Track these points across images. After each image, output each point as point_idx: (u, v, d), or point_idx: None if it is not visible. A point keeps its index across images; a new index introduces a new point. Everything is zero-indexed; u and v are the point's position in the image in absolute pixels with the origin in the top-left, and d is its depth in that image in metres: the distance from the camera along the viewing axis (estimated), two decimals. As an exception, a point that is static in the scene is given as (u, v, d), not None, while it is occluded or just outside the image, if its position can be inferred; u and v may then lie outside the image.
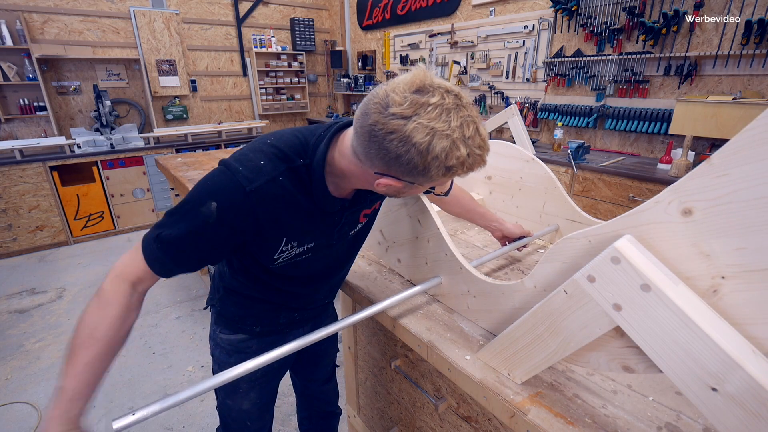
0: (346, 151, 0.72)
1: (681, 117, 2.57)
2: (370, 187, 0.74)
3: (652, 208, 0.54)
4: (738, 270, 0.49)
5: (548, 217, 1.39)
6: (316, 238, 0.85)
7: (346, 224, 0.89)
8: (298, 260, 0.86)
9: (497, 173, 1.52)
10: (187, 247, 0.72)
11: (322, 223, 0.83)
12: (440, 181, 0.69)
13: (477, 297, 0.97)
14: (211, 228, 0.69)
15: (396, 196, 0.77)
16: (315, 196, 0.77)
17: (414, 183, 0.67)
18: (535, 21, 3.52)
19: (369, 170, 0.68)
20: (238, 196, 0.69)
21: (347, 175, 0.74)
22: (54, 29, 4.00)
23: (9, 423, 1.93)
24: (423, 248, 1.10)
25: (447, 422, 1.07)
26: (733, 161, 0.45)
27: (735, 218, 0.47)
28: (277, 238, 0.78)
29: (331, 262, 0.99)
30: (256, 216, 0.71)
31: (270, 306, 1.00)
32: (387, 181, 0.67)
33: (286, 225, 0.77)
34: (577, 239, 0.65)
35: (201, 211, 0.68)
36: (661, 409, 0.73)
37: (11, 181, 3.56)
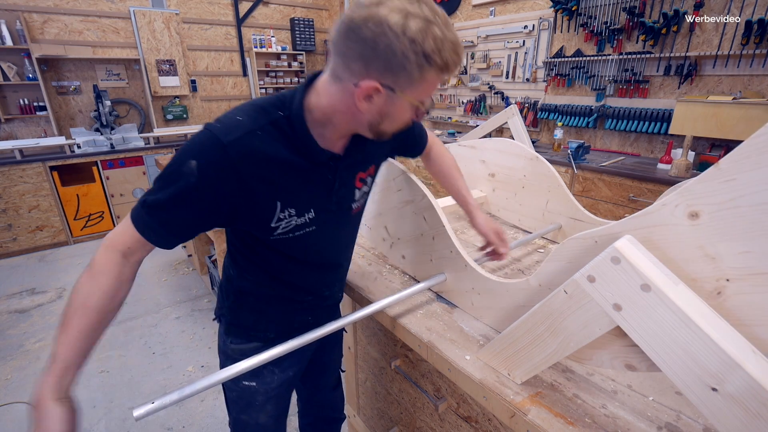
0: (322, 88, 0.72)
1: (681, 117, 2.57)
2: (355, 124, 0.73)
3: (659, 210, 0.55)
4: (743, 273, 0.50)
5: (551, 215, 1.39)
6: (314, 204, 0.81)
7: (343, 186, 0.85)
8: (301, 234, 0.83)
9: (501, 171, 1.52)
10: (175, 210, 0.70)
11: (316, 183, 0.80)
12: (420, 85, 0.66)
13: (481, 294, 0.97)
14: (195, 188, 0.68)
15: (379, 126, 0.72)
16: (300, 147, 0.74)
17: (395, 89, 0.66)
18: (535, 21, 3.52)
19: (348, 87, 0.67)
20: (217, 151, 0.67)
21: (329, 115, 0.73)
22: (54, 29, 4.00)
23: (9, 423, 1.93)
24: (428, 245, 1.10)
25: (447, 422, 1.07)
26: (740, 166, 0.46)
27: (741, 222, 0.48)
28: (270, 202, 0.75)
29: (335, 242, 0.95)
30: (238, 172, 0.69)
31: (283, 305, 0.97)
32: (367, 88, 0.65)
33: (275, 185, 0.74)
34: (584, 239, 0.66)
35: (182, 171, 0.67)
36: (661, 409, 0.73)
37: (11, 181, 3.56)
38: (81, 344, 0.69)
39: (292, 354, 1.01)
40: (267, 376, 1.02)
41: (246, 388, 1.02)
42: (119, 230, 0.73)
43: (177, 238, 0.74)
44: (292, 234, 0.81)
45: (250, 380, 1.01)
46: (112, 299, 0.72)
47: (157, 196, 0.69)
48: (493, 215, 1.64)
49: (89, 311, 0.69)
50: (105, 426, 1.89)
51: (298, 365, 1.09)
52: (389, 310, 1.04)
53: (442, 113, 4.69)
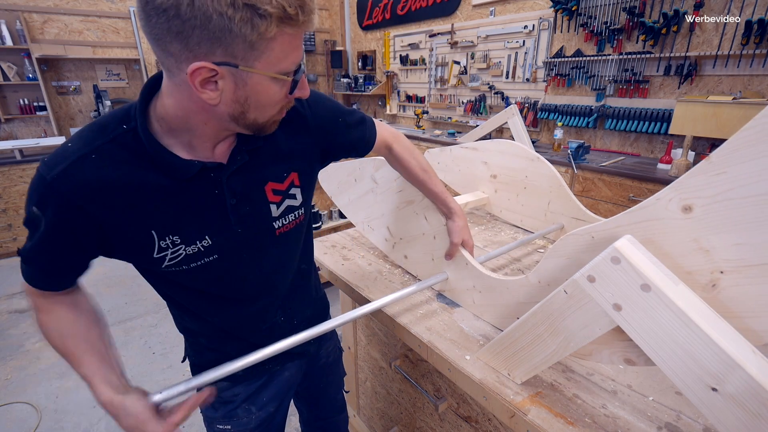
0: (165, 89, 0.59)
1: (681, 117, 2.57)
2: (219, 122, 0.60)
3: (653, 204, 0.55)
4: (736, 265, 0.50)
5: (553, 216, 1.40)
6: (207, 228, 0.68)
7: (243, 203, 0.70)
8: (199, 265, 0.70)
9: (502, 172, 1.52)
10: (43, 254, 0.65)
11: (199, 203, 0.66)
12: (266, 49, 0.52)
13: (482, 292, 0.97)
14: (47, 232, 0.61)
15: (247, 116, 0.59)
16: (157, 163, 0.61)
17: (236, 64, 0.52)
18: (535, 21, 3.52)
19: (183, 78, 0.53)
20: (44, 190, 0.59)
21: (184, 119, 0.60)
22: (54, 29, 4.00)
23: (9, 423, 1.93)
24: (429, 244, 1.11)
25: (447, 422, 1.07)
26: (731, 159, 0.47)
27: (733, 215, 0.48)
28: (141, 232, 0.64)
29: (258, 270, 0.79)
30: (78, 206, 0.59)
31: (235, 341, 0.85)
32: (198, 71, 0.51)
33: (138, 211, 0.62)
34: (581, 235, 0.66)
35: (31, 218, 0.61)
36: (661, 409, 0.73)
37: (11, 181, 3.56)
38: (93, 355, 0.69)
39: (271, 386, 0.94)
40: (243, 417, 0.92)
41: (220, 431, 0.93)
42: (25, 287, 0.70)
43: (62, 278, 0.69)
44: (186, 266, 0.69)
45: (224, 423, 0.92)
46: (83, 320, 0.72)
47: (26, 246, 0.65)
48: (495, 216, 1.64)
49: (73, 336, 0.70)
50: (105, 426, 1.89)
51: (281, 397, 0.98)
52: (389, 309, 1.05)
53: (442, 113, 4.69)
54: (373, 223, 1.33)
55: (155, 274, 0.73)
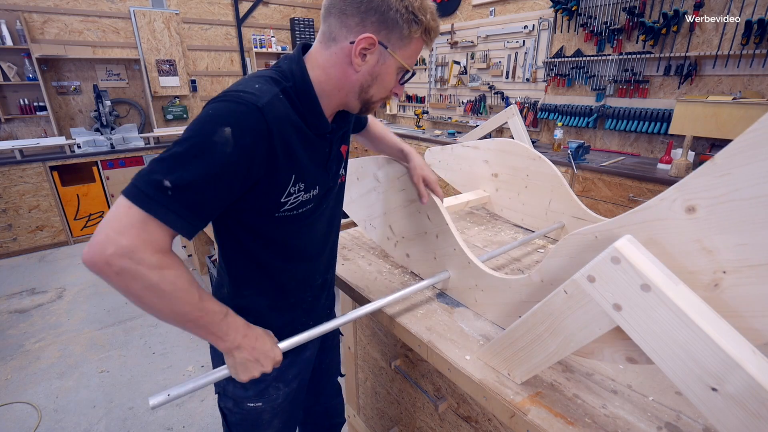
0: (315, 58, 0.75)
1: (681, 117, 2.57)
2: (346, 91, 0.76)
3: (657, 205, 0.55)
4: (739, 265, 0.50)
5: (554, 215, 1.40)
6: (318, 180, 0.82)
7: (333, 159, 0.87)
8: (303, 212, 0.81)
9: (504, 171, 1.52)
10: (207, 190, 0.61)
11: (318, 157, 0.81)
12: (407, 46, 0.73)
13: (485, 291, 0.98)
14: (231, 158, 0.61)
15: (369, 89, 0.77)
16: (307, 117, 0.75)
17: (387, 46, 0.72)
18: (535, 21, 3.52)
19: (344, 46, 0.71)
20: (253, 114, 0.64)
21: (324, 84, 0.75)
22: (54, 29, 4.00)
23: (9, 423, 1.93)
24: (431, 243, 1.11)
25: (447, 422, 1.07)
26: (735, 161, 0.47)
27: (737, 215, 0.48)
28: (286, 174, 0.74)
29: (328, 221, 0.94)
30: (271, 137, 0.67)
31: (283, 314, 0.93)
32: (364, 39, 0.69)
33: (293, 156, 0.73)
34: (584, 235, 0.66)
35: (215, 141, 0.60)
36: (661, 409, 0.73)
37: (11, 181, 3.56)
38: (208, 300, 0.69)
39: (296, 364, 1.00)
40: (272, 393, 0.98)
41: (252, 409, 0.97)
42: (137, 236, 0.58)
43: (204, 223, 0.65)
44: (295, 211, 0.80)
45: (255, 401, 0.97)
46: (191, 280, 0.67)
47: (182, 175, 0.59)
48: (496, 215, 1.64)
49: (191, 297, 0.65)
50: (105, 426, 1.89)
51: (302, 375, 1.05)
52: (389, 309, 1.05)
53: (442, 113, 4.69)
54: (374, 222, 1.33)
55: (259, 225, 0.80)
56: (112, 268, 0.57)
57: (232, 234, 0.82)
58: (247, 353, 0.74)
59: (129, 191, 0.59)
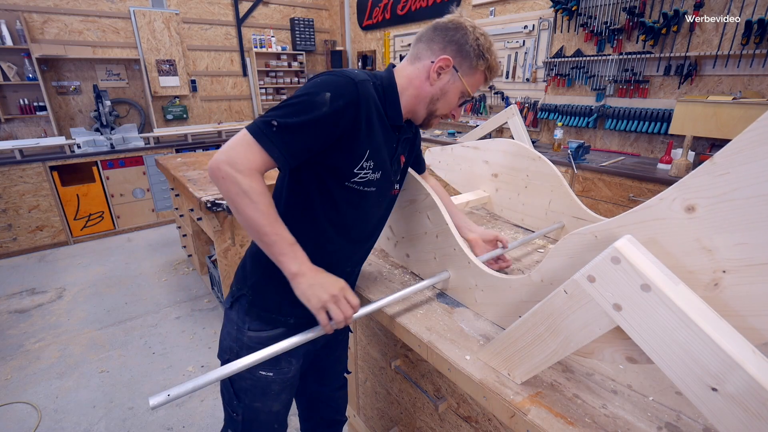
0: (400, 70, 0.94)
1: (681, 117, 2.57)
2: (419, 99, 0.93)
3: (657, 204, 0.55)
4: (739, 264, 0.50)
5: (554, 215, 1.40)
6: (383, 165, 0.92)
7: (396, 160, 0.98)
8: (368, 192, 0.93)
9: (504, 171, 1.52)
10: (302, 136, 0.79)
11: (387, 147, 0.92)
12: (473, 75, 0.91)
13: (485, 291, 0.98)
14: (324, 117, 0.78)
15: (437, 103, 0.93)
16: (387, 110, 0.90)
17: (458, 70, 0.89)
18: (535, 21, 3.52)
19: (426, 64, 0.90)
20: (350, 86, 0.81)
21: (404, 89, 0.92)
22: (54, 29, 4.00)
23: (9, 423, 1.93)
24: (432, 243, 1.11)
25: (447, 422, 1.07)
26: (734, 160, 0.47)
27: (736, 215, 0.49)
28: (363, 146, 0.86)
29: (377, 212, 1.02)
30: (358, 109, 0.82)
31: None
32: (442, 59, 0.87)
33: (371, 133, 0.87)
34: (584, 235, 0.66)
35: (316, 101, 0.78)
36: (661, 409, 0.73)
37: (11, 181, 3.56)
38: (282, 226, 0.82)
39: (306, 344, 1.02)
40: (284, 367, 1.03)
41: (262, 377, 1.01)
42: (243, 153, 0.77)
43: (294, 161, 0.82)
44: (362, 187, 0.91)
45: (267, 370, 1.01)
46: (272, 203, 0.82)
47: (287, 120, 0.77)
48: (496, 215, 1.64)
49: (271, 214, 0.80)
50: (105, 426, 1.89)
51: (306, 357, 1.10)
52: (389, 310, 1.05)
53: (442, 113, 4.69)
54: None
55: (331, 187, 0.90)
56: (220, 172, 0.77)
57: (304, 188, 0.92)
58: (311, 278, 0.83)
59: (249, 126, 0.79)
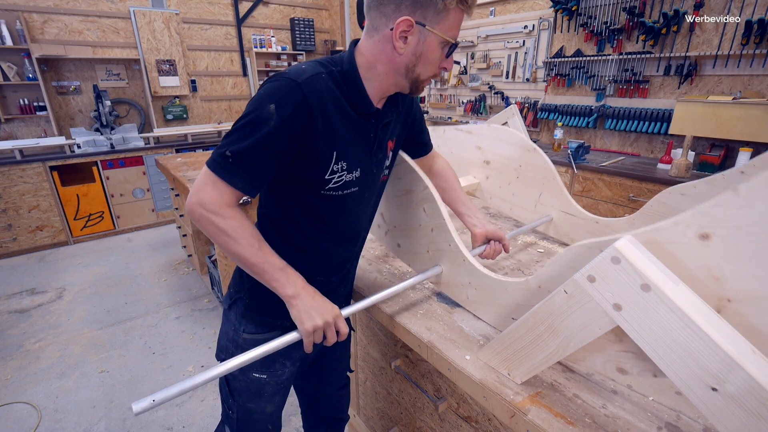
0: (362, 48, 0.83)
1: (681, 117, 2.57)
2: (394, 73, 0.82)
3: (671, 228, 0.55)
4: (745, 295, 0.51)
5: (543, 207, 1.39)
6: (360, 161, 0.87)
7: (379, 149, 0.91)
8: (348, 194, 0.88)
9: (496, 159, 1.50)
10: (259, 155, 0.75)
11: (361, 139, 0.86)
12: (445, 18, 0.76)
13: (478, 289, 0.97)
14: (276, 128, 0.74)
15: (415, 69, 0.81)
16: (351, 98, 0.82)
17: (424, 23, 0.75)
18: (535, 21, 3.52)
19: (385, 33, 0.77)
20: (291, 89, 0.75)
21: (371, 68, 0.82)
22: (54, 29, 4.00)
23: (9, 423, 1.93)
24: (426, 237, 1.10)
25: (447, 422, 1.07)
26: (760, 195, 0.47)
27: (753, 248, 0.49)
28: (328, 150, 0.81)
29: (367, 208, 0.98)
30: (309, 108, 0.76)
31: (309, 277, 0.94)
32: (401, 23, 0.74)
33: (334, 132, 0.80)
34: (589, 248, 0.66)
35: (262, 116, 0.73)
36: (661, 409, 0.73)
37: (11, 181, 3.56)
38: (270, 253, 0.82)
39: (301, 347, 1.00)
40: (278, 369, 1.01)
41: (256, 379, 1.00)
42: (209, 192, 0.76)
43: (261, 184, 0.79)
44: (341, 191, 0.86)
45: (260, 372, 1.00)
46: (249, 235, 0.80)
47: (239, 146, 0.74)
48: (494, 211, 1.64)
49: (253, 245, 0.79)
50: (105, 426, 1.89)
51: (302, 359, 1.08)
52: (389, 309, 1.04)
53: (442, 113, 4.69)
54: None
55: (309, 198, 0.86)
56: (194, 214, 0.77)
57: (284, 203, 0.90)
58: (308, 302, 0.82)
59: (209, 160, 0.77)
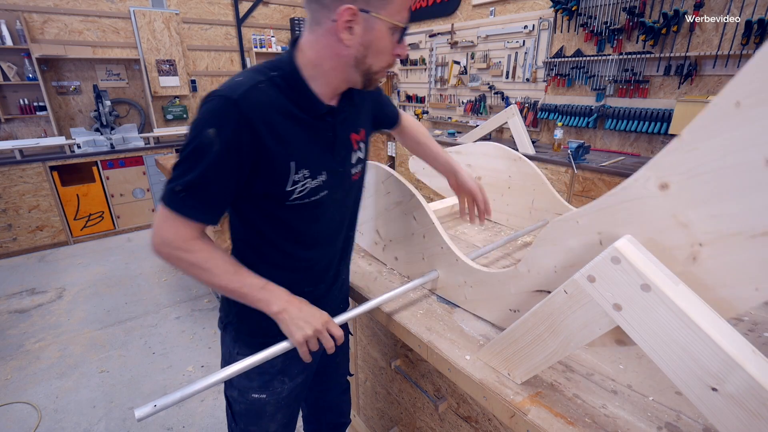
0: (305, 45, 0.76)
1: (681, 117, 2.57)
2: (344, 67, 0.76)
3: (632, 185, 0.57)
4: (714, 236, 0.51)
5: (538, 213, 1.41)
6: (323, 164, 0.82)
7: (342, 146, 0.86)
8: (317, 200, 0.84)
9: (486, 173, 1.54)
10: (210, 184, 0.72)
11: (320, 141, 0.81)
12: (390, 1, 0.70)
13: (474, 287, 0.98)
14: (220, 155, 0.69)
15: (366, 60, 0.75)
16: (299, 101, 0.77)
17: (368, 10, 0.69)
18: (535, 21, 3.52)
19: (328, 27, 0.71)
20: (228, 108, 0.69)
21: (318, 66, 0.76)
22: (54, 29, 4.00)
23: (9, 423, 1.93)
24: (419, 244, 1.11)
25: (447, 422, 1.07)
26: (700, 135, 0.48)
27: (707, 188, 0.50)
28: (284, 162, 0.76)
29: (344, 210, 0.95)
30: (252, 125, 0.71)
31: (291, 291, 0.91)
32: (344, 12, 0.68)
33: (286, 142, 0.76)
34: (566, 221, 0.67)
35: (204, 143, 0.69)
36: (661, 409, 0.73)
37: (11, 181, 3.56)
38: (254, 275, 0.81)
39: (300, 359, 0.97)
40: (277, 387, 0.99)
41: (255, 400, 0.98)
42: (169, 230, 0.73)
43: (220, 210, 0.77)
44: (308, 199, 0.82)
45: (259, 392, 0.97)
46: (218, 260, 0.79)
47: (187, 178, 0.71)
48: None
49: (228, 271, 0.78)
50: (105, 426, 1.89)
51: (308, 371, 1.06)
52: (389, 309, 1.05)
53: (442, 113, 4.69)
54: (362, 228, 1.33)
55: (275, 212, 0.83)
56: (161, 254, 0.75)
57: (251, 221, 0.86)
58: (295, 313, 0.80)
59: (162, 195, 0.74)
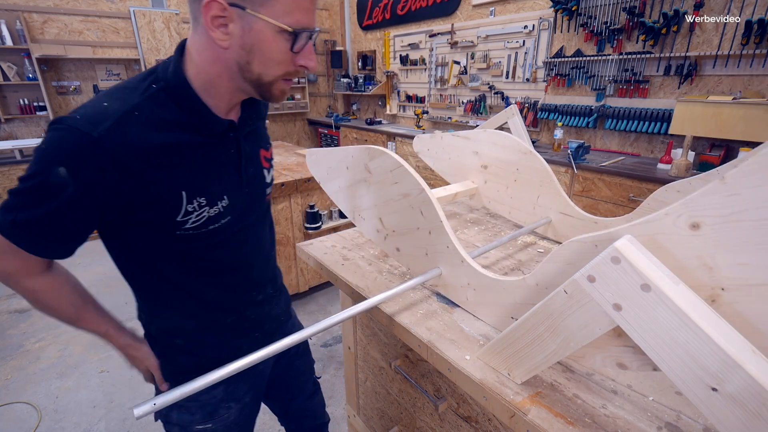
0: (191, 47, 0.64)
1: (681, 117, 2.57)
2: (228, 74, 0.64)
3: (661, 219, 0.55)
4: (738, 283, 0.51)
5: (541, 209, 1.41)
6: (225, 188, 0.70)
7: (249, 163, 0.76)
8: (217, 227, 0.72)
9: (494, 163, 1.53)
10: (58, 223, 0.60)
11: (221, 162, 0.70)
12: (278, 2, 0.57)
13: (477, 290, 0.97)
14: (75, 196, 0.57)
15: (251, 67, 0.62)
16: (191, 118, 0.64)
17: (243, 6, 0.56)
18: (535, 21, 3.52)
19: (202, 20, 0.58)
20: (87, 148, 0.55)
21: (205, 73, 0.63)
22: (54, 29, 4.00)
23: (9, 423, 1.93)
24: (424, 239, 1.10)
25: (447, 422, 1.07)
26: (745, 182, 0.47)
27: (741, 235, 0.49)
28: (172, 194, 0.64)
29: (256, 235, 0.84)
30: (123, 166, 0.58)
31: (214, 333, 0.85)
32: (209, 8, 0.56)
33: (175, 172, 0.63)
34: (584, 242, 0.66)
35: (51, 183, 0.56)
36: (661, 409, 0.73)
37: (11, 182, 3.56)
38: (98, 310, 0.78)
39: (247, 380, 0.95)
40: (223, 413, 0.92)
41: (201, 431, 0.92)
42: (9, 263, 0.63)
43: (73, 244, 0.65)
44: (205, 228, 0.70)
45: (204, 423, 0.90)
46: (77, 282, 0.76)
47: (29, 213, 0.58)
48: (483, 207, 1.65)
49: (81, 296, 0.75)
50: (105, 426, 1.89)
51: (255, 388, 1.00)
52: (388, 309, 1.05)
53: (442, 113, 4.69)
54: (363, 213, 1.32)
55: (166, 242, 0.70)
56: (7, 287, 0.68)
57: (137, 252, 0.72)
58: (130, 359, 0.84)
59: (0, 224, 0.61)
